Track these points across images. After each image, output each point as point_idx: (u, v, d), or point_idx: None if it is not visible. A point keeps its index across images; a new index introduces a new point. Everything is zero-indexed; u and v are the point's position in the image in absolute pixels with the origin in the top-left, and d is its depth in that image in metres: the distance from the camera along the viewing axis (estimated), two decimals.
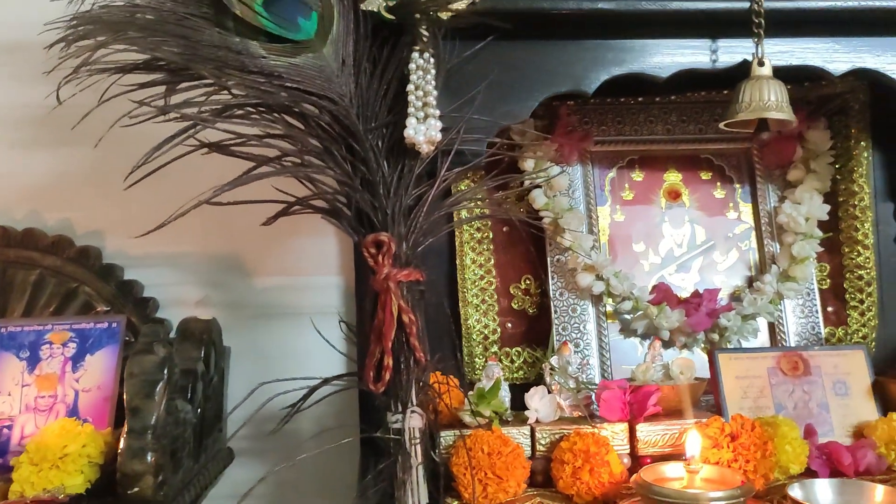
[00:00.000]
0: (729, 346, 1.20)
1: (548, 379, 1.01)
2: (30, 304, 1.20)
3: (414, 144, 0.87)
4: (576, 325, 1.22)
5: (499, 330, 1.28)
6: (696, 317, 1.18)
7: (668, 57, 0.99)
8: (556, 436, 0.94)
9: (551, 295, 1.24)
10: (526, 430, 0.95)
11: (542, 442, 0.94)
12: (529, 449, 0.95)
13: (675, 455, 0.92)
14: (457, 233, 1.28)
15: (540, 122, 1.26)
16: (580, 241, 1.21)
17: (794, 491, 0.82)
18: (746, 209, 1.30)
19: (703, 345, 1.22)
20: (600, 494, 0.87)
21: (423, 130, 0.87)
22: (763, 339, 1.24)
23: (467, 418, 0.95)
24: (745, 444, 0.88)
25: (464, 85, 0.95)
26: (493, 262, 1.29)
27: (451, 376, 1.03)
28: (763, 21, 0.93)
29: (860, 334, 1.30)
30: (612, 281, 1.20)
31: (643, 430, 0.94)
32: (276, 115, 0.84)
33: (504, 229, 1.30)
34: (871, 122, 1.33)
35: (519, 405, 1.02)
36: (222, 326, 1.26)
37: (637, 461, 0.95)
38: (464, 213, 1.25)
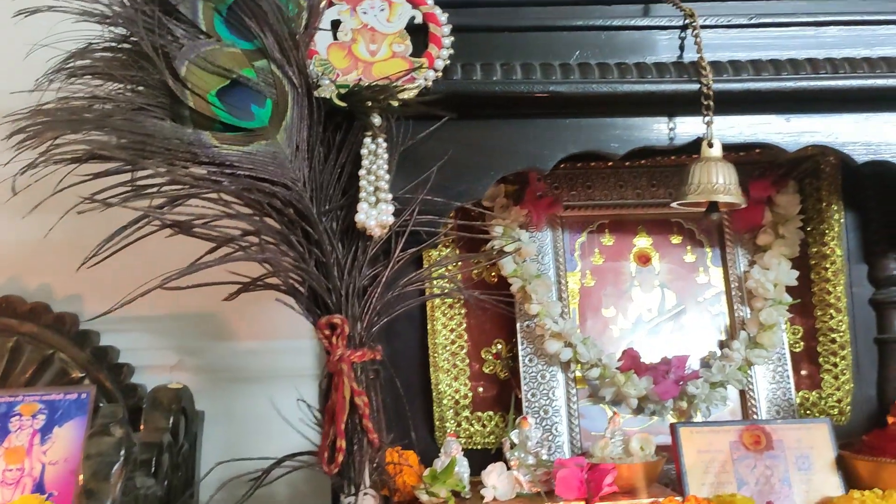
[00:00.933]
0: (698, 414, 1.20)
1: (507, 454, 1.01)
2: (6, 371, 1.22)
3: (365, 229, 0.88)
4: (544, 391, 1.23)
5: (470, 394, 1.29)
6: (664, 385, 1.18)
7: (625, 134, 1.00)
8: None
9: (520, 361, 1.24)
10: None
11: None
12: None
13: None
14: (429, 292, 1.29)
15: (510, 188, 1.28)
16: (548, 308, 1.22)
17: None
18: (717, 273, 1.30)
19: (671, 413, 1.21)
20: None
21: (375, 215, 0.88)
22: (734, 406, 1.24)
23: (424, 497, 0.95)
24: None
25: (419, 164, 0.96)
26: (464, 326, 1.30)
27: (412, 452, 1.04)
28: (712, 103, 0.94)
29: (834, 398, 1.29)
30: (579, 348, 1.20)
31: None
32: (226, 202, 0.85)
33: (476, 293, 1.31)
34: (843, 184, 1.34)
35: None
36: (197, 390, 1.28)
37: None
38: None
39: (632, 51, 1.00)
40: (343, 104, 0.87)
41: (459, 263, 1.28)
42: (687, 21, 0.99)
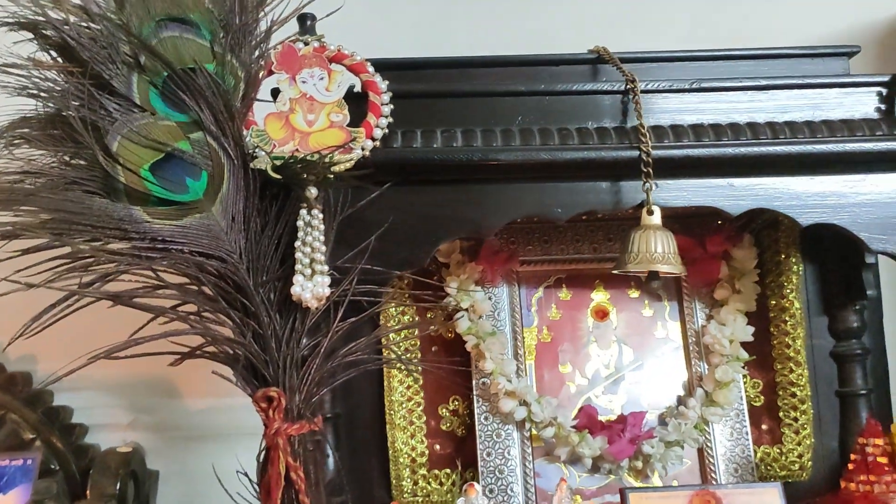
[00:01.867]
0: (654, 473, 1.19)
1: None
2: None
3: (301, 301, 0.88)
4: (500, 450, 1.22)
5: (427, 452, 1.27)
6: (619, 444, 1.17)
7: (569, 199, 1.00)
8: None
9: (476, 419, 1.23)
10: None
11: None
12: None
13: None
14: (384, 353, 1.28)
15: (466, 244, 1.28)
16: (502, 366, 1.21)
17: None
18: (675, 327, 1.29)
19: (627, 472, 1.20)
20: None
21: (310, 287, 0.88)
22: (693, 464, 1.23)
23: None
24: None
25: (361, 232, 0.96)
26: (420, 382, 1.29)
27: None
28: (651, 170, 0.94)
29: (795, 453, 1.28)
30: (534, 407, 1.19)
31: None
32: (158, 275, 0.85)
33: (433, 349, 1.30)
34: (801, 236, 1.33)
35: None
36: (152, 449, 1.27)
37: None
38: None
39: (575, 115, 1.01)
40: (277, 176, 0.87)
41: (415, 320, 1.28)
42: (628, 86, 0.99)
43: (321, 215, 0.90)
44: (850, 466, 1.03)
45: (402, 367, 1.19)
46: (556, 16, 1.38)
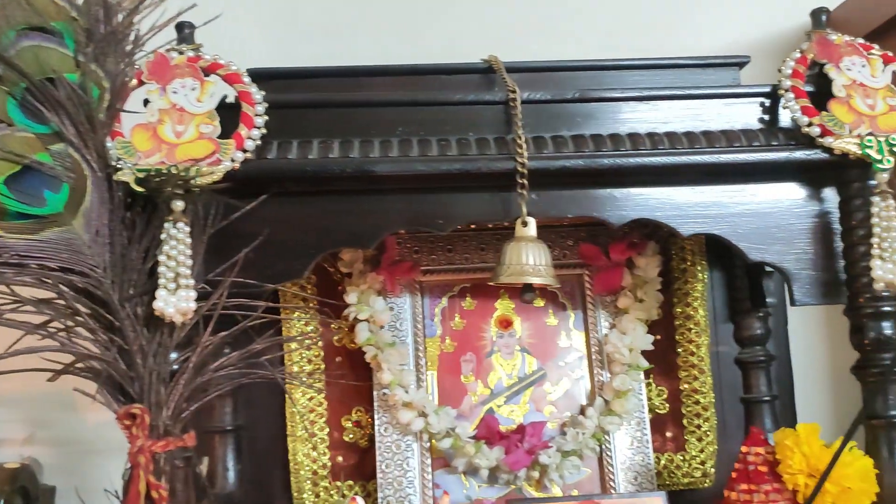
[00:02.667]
0: (553, 484, 1.19)
1: None
2: None
3: (164, 316, 0.86)
4: (399, 462, 1.21)
5: (329, 464, 1.26)
6: (515, 455, 1.17)
7: (451, 210, 0.99)
8: None
9: (376, 430, 1.22)
10: None
11: None
12: None
13: None
14: (287, 364, 1.27)
15: (369, 253, 1.26)
16: (400, 377, 1.20)
17: None
18: (579, 337, 1.29)
19: (525, 482, 1.20)
20: None
21: (174, 302, 0.86)
22: (593, 473, 1.22)
23: None
24: None
25: (238, 245, 0.94)
26: (323, 393, 1.28)
27: None
28: (526, 181, 0.93)
29: (698, 460, 1.29)
30: (431, 418, 1.18)
31: None
32: (12, 290, 0.83)
33: (337, 359, 1.29)
34: (707, 243, 1.34)
35: None
36: (50, 464, 1.24)
37: None
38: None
39: (458, 126, 1.00)
40: (141, 189, 0.85)
41: (320, 328, 1.27)
42: (510, 96, 0.99)
43: (187, 228, 0.88)
44: (734, 475, 1.03)
45: (285, 382, 1.17)
46: (455, 25, 1.38)
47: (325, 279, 1.29)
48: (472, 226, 1.26)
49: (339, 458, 1.27)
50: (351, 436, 1.27)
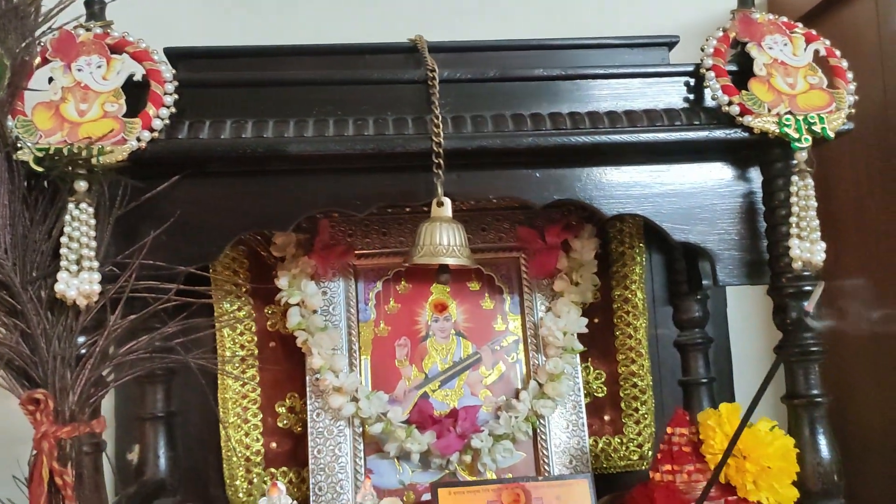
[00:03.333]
0: (486, 469, 1.18)
1: None
2: None
3: (66, 298, 0.84)
4: (331, 447, 1.19)
5: (262, 450, 1.25)
6: (446, 439, 1.16)
7: (368, 191, 0.97)
8: None
9: (308, 416, 1.21)
10: None
11: None
12: None
13: None
14: (219, 351, 1.25)
15: (302, 237, 1.25)
16: (333, 362, 1.19)
17: None
18: (515, 321, 1.28)
19: (459, 466, 1.19)
20: None
21: (76, 284, 0.84)
22: (528, 457, 1.22)
23: None
24: None
25: (150, 227, 0.93)
26: (257, 379, 1.26)
27: None
28: (443, 161, 0.92)
29: (636, 443, 1.28)
30: (362, 403, 1.17)
31: None
32: None
33: (271, 344, 1.28)
34: (646, 226, 1.33)
35: None
36: None
37: None
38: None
39: (376, 106, 0.98)
40: (40, 169, 0.83)
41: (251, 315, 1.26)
42: (429, 75, 0.97)
43: (91, 209, 0.86)
44: (658, 456, 1.03)
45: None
46: (386, 4, 1.36)
47: (258, 264, 1.27)
48: (407, 209, 1.25)
49: (273, 445, 1.26)
50: (285, 422, 1.26)
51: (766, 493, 0.95)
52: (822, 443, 0.97)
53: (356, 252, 1.26)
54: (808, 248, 0.93)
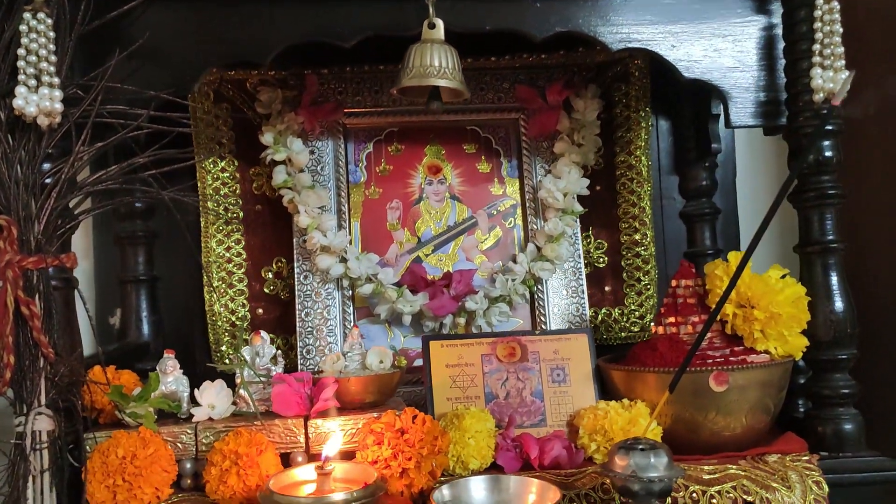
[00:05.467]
0: (476, 332, 1.13)
1: (237, 371, 0.93)
2: None
3: (24, 115, 0.78)
4: (319, 310, 1.15)
5: (248, 316, 1.20)
6: (440, 300, 1.11)
7: (351, 20, 0.90)
8: (222, 435, 0.86)
9: (295, 279, 1.16)
10: (190, 428, 0.87)
11: (205, 442, 0.86)
12: (194, 449, 0.87)
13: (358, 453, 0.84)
14: (202, 213, 1.20)
15: (289, 93, 1.18)
16: (320, 221, 1.13)
17: (440, 493, 0.75)
18: (513, 185, 1.22)
19: (451, 330, 1.14)
20: (246, 499, 0.80)
21: (36, 101, 0.78)
22: (525, 323, 1.17)
23: (128, 419, 0.86)
24: (411, 439, 0.81)
25: (115, 49, 0.86)
26: (243, 244, 1.21)
27: (127, 371, 0.95)
28: None
29: (637, 314, 1.24)
30: (351, 263, 1.12)
31: (313, 426, 0.86)
32: None
33: (257, 208, 1.22)
34: (654, 90, 1.26)
35: None
36: None
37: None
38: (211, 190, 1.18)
39: None
40: None
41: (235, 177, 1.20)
42: None
43: (49, 20, 0.79)
44: (662, 310, 0.98)
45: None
46: None
47: (243, 123, 1.20)
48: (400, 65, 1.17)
49: (260, 311, 1.21)
50: (272, 287, 1.21)
51: (774, 343, 0.91)
52: (836, 291, 0.91)
53: (346, 110, 1.19)
54: (831, 77, 0.86)
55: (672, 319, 0.96)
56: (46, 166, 0.83)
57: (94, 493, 0.79)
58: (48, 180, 0.83)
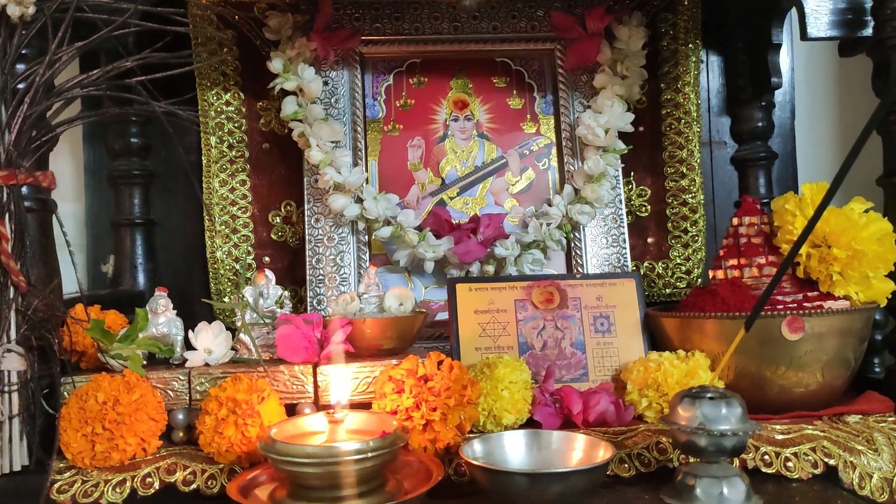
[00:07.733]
0: None
1: (238, 314, 0.82)
2: None
3: None
4: (332, 256, 1.03)
5: (254, 264, 1.09)
6: (466, 245, 0.99)
7: None
8: (218, 382, 0.75)
9: (306, 222, 1.04)
10: (183, 374, 0.76)
11: (200, 390, 0.75)
12: (187, 398, 0.76)
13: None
14: (204, 150, 1.09)
15: (301, 18, 1.06)
16: (334, 157, 1.01)
17: (470, 447, 0.64)
18: (548, 122, 1.10)
19: None
20: (245, 453, 0.68)
21: None
22: (559, 272, 1.05)
23: (112, 362, 0.75)
24: (436, 388, 0.69)
25: None
26: (248, 185, 1.10)
27: (113, 311, 0.84)
28: None
29: (683, 269, 1.11)
30: (368, 203, 1.00)
31: (323, 373, 0.75)
32: None
33: (264, 146, 1.10)
34: (705, 20, 1.13)
35: None
36: None
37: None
38: (212, 124, 1.07)
39: None
40: None
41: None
42: None
43: None
44: (721, 252, 0.86)
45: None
46: None
47: (250, 51, 1.09)
48: None
49: (266, 259, 1.10)
50: (280, 233, 1.10)
51: (855, 287, 0.78)
52: None
53: (363, 38, 1.07)
54: None
55: (734, 262, 0.84)
56: (20, 67, 0.72)
57: (69, 442, 0.68)
58: (21, 85, 0.72)
